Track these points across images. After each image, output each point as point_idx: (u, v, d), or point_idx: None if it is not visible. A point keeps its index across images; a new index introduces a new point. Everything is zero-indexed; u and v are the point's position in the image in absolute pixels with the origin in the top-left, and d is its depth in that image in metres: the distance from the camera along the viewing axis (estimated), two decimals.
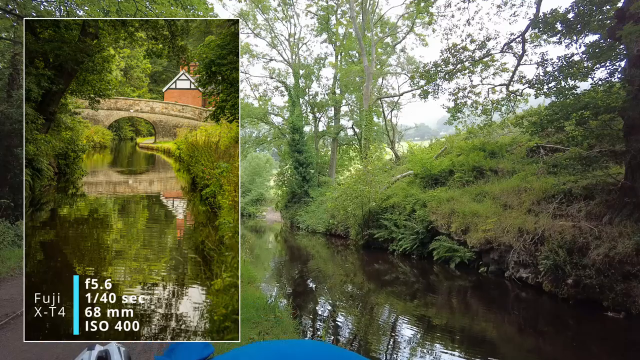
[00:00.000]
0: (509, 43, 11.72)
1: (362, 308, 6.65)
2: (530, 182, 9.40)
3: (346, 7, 25.58)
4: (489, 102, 13.05)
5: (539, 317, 6.02)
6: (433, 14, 16.81)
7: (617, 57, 7.52)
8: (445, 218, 10.18)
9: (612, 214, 6.99)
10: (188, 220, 4.93)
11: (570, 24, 8.32)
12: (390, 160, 22.20)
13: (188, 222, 4.88)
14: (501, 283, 7.88)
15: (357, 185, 14.31)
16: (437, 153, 15.99)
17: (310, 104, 29.35)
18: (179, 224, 4.91)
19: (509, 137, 14.16)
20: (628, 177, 7.13)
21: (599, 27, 7.65)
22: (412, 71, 21.52)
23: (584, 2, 8.01)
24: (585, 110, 7.30)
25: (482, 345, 4.83)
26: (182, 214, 5.23)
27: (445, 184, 12.53)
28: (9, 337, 3.80)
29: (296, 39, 29.36)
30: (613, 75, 7.67)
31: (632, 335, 5.25)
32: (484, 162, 12.07)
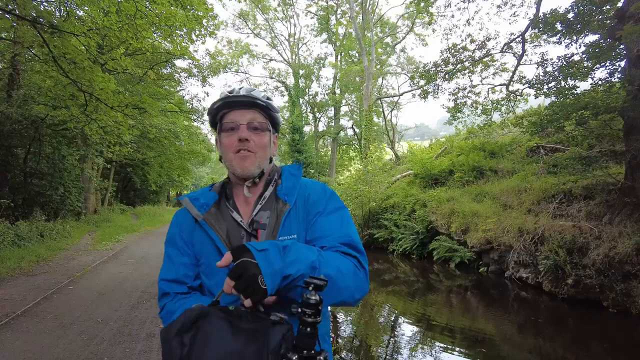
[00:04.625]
0: (509, 43, 11.73)
1: (362, 307, 6.65)
2: (530, 182, 9.40)
3: (346, 7, 25.58)
4: (489, 102, 13.06)
5: (539, 316, 6.01)
6: (433, 14, 16.81)
7: (617, 57, 7.52)
8: (445, 218, 10.18)
9: (612, 214, 6.99)
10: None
11: (570, 24, 8.32)
12: (390, 160, 22.22)
13: None
14: (501, 283, 7.88)
15: (357, 185, 14.31)
16: (437, 153, 15.99)
17: (310, 104, 29.36)
18: None
19: (509, 137, 14.15)
20: (628, 177, 7.13)
21: (599, 27, 7.64)
22: (412, 71, 21.53)
23: (584, 2, 8.01)
24: (585, 110, 7.29)
25: (482, 345, 4.83)
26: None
27: (445, 184, 12.52)
28: (9, 337, 3.80)
29: (296, 39, 29.38)
30: (613, 75, 7.67)
31: (633, 335, 5.25)
32: (484, 162, 12.06)
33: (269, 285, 0.78)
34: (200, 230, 1.05)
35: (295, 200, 1.06)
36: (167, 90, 17.79)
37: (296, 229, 1.03)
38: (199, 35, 8.55)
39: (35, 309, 4.70)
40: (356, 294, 0.93)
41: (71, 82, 7.28)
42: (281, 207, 1.04)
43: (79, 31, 6.68)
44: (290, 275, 0.81)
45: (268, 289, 0.78)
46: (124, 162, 20.98)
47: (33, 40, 6.77)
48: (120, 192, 25.18)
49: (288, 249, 0.85)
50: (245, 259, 0.79)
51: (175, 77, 17.89)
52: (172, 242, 1.10)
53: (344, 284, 0.90)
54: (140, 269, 7.46)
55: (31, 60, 10.60)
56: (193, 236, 1.07)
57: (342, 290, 0.90)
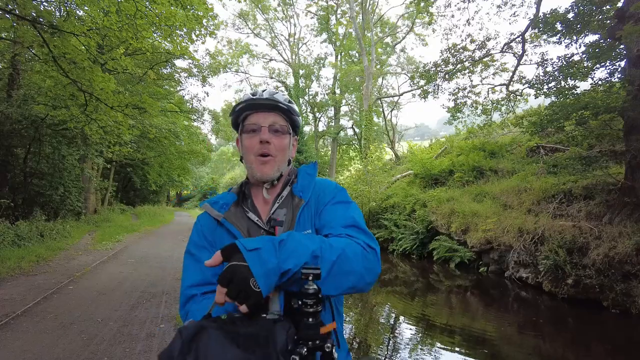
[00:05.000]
0: (509, 43, 11.73)
1: (362, 307, 6.65)
2: (530, 182, 9.40)
3: (346, 7, 25.58)
4: (489, 102, 13.06)
5: (539, 316, 6.01)
6: (433, 14, 16.82)
7: (617, 57, 7.52)
8: (445, 218, 10.18)
9: (612, 214, 6.99)
10: None
11: (570, 24, 8.32)
12: (390, 160, 22.22)
13: None
14: (501, 283, 7.88)
15: (357, 185, 14.32)
16: (437, 153, 15.99)
17: (310, 104, 29.35)
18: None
19: (509, 137, 14.16)
20: (628, 177, 7.13)
21: (599, 27, 7.65)
22: (412, 71, 21.53)
23: (584, 2, 8.01)
24: (585, 110, 7.30)
25: (482, 345, 4.84)
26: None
27: (445, 184, 12.53)
28: (9, 337, 3.80)
29: (296, 39, 29.38)
30: (613, 75, 7.67)
31: (633, 335, 5.25)
32: (484, 162, 12.07)
33: (263, 287, 0.75)
34: (222, 229, 1.07)
35: (310, 197, 1.10)
36: (167, 90, 17.78)
37: (310, 224, 1.06)
38: (199, 35, 8.56)
39: (35, 309, 4.70)
40: (367, 277, 0.90)
41: (71, 82, 7.28)
42: (296, 203, 1.08)
43: (79, 31, 6.68)
44: (289, 270, 0.79)
45: (263, 291, 0.75)
46: (124, 162, 20.97)
47: (33, 40, 6.76)
48: (120, 192, 25.18)
49: (284, 242, 0.82)
50: (234, 262, 0.76)
51: (175, 77, 17.89)
52: (195, 245, 1.10)
53: (350, 267, 0.86)
54: (140, 269, 7.46)
55: (31, 60, 10.59)
56: (215, 235, 1.08)
57: (350, 274, 0.86)
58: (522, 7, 11.96)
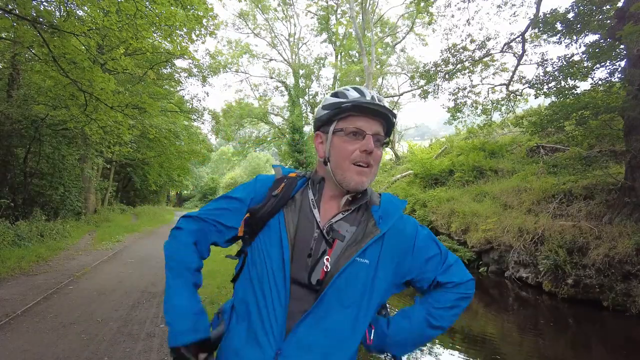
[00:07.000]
0: (509, 43, 11.72)
1: None
2: (530, 182, 9.40)
3: (346, 7, 25.57)
4: (489, 102, 13.05)
5: (539, 316, 6.01)
6: (433, 14, 16.79)
7: (617, 57, 7.52)
8: (445, 218, 10.18)
9: (612, 214, 6.99)
10: None
11: (570, 24, 8.32)
12: (390, 160, 22.20)
13: None
14: (501, 283, 7.88)
15: None
16: (437, 153, 16.00)
17: (310, 104, 29.33)
18: None
19: (509, 137, 14.16)
20: (628, 177, 7.13)
21: (599, 27, 7.64)
22: (412, 71, 21.53)
23: (584, 2, 8.01)
24: (585, 110, 7.30)
25: (482, 344, 4.84)
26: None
27: (445, 184, 12.53)
28: (9, 337, 3.80)
29: (296, 39, 29.36)
30: (613, 75, 7.66)
31: (633, 335, 5.25)
32: (484, 162, 12.07)
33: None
34: (272, 211, 1.02)
35: (388, 230, 1.00)
36: (167, 90, 17.77)
37: (374, 256, 0.97)
38: (199, 35, 8.56)
39: (35, 308, 4.70)
40: (459, 312, 1.09)
41: (71, 82, 7.28)
42: (370, 229, 0.99)
43: (79, 31, 6.67)
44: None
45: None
46: (124, 162, 20.97)
47: (33, 40, 6.76)
48: (120, 192, 25.18)
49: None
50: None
51: (175, 77, 17.89)
52: (237, 200, 1.07)
53: (442, 324, 1.07)
54: (140, 269, 7.46)
55: (31, 60, 10.58)
56: (264, 209, 1.03)
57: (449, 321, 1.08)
58: (522, 7, 11.97)
